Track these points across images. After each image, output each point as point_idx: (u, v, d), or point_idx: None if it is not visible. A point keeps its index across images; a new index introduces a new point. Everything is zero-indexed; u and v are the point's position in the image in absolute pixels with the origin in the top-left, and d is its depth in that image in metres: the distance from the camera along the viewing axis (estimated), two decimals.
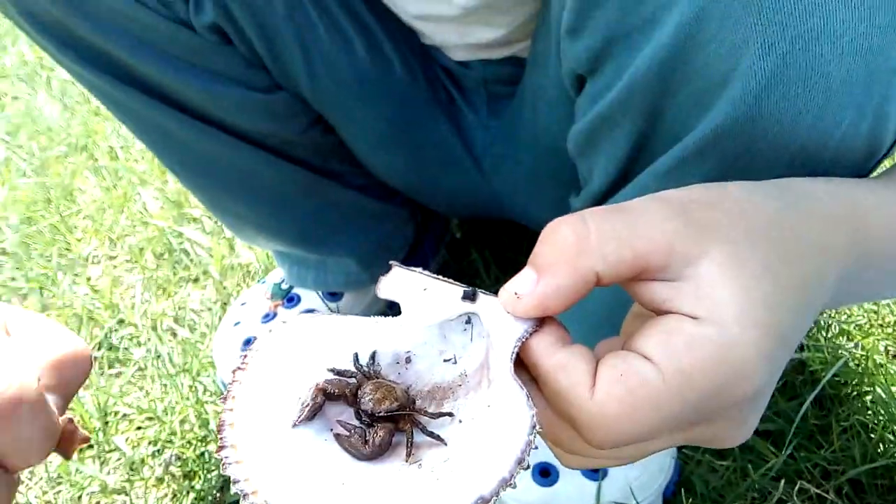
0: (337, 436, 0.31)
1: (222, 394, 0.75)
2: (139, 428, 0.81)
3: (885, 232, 0.37)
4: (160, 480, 0.76)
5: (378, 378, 0.33)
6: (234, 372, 0.32)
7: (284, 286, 0.84)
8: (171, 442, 0.78)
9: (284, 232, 0.73)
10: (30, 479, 0.77)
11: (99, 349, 0.91)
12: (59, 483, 0.76)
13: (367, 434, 0.31)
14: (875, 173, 0.42)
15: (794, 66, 0.35)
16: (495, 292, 0.33)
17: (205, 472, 0.75)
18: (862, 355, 0.74)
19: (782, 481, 0.64)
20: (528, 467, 0.28)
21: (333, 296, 0.81)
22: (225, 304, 0.94)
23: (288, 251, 0.80)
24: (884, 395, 0.69)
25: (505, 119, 0.68)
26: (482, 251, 0.94)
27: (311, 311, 0.80)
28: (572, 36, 0.45)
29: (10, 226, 1.15)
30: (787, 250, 0.32)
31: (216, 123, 0.62)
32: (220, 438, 0.29)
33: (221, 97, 0.60)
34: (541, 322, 0.32)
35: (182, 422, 0.79)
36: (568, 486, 0.61)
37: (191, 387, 0.82)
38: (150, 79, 0.58)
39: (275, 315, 0.81)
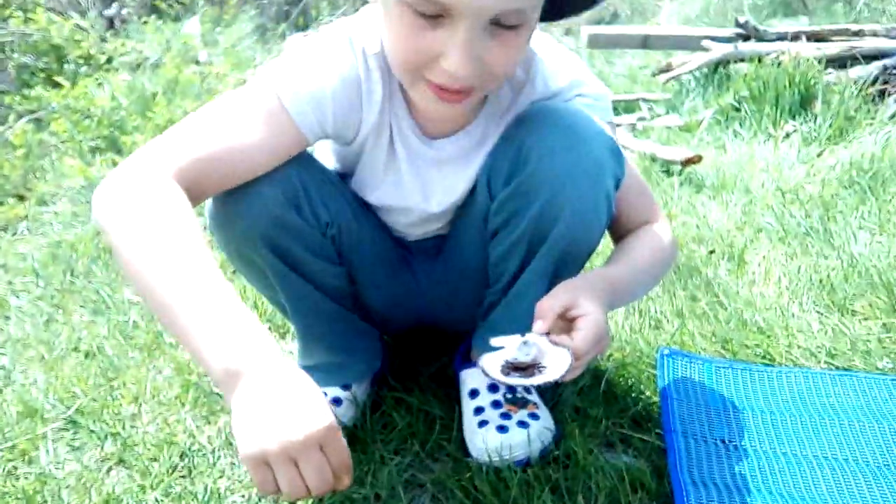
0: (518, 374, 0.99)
1: None
2: None
3: (621, 286, 1.14)
4: None
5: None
6: (482, 368, 1.01)
7: None
8: None
9: (336, 342, 1.33)
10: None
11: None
12: None
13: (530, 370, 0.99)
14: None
15: (580, 213, 1.09)
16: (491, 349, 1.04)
17: None
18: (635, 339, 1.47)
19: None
20: (560, 381, 0.97)
21: (346, 387, 1.37)
22: None
23: (315, 364, 1.36)
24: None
25: (436, 262, 1.36)
26: (410, 349, 1.56)
27: (336, 399, 1.35)
28: (494, 215, 1.16)
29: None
30: (602, 289, 1.07)
31: (314, 282, 1.24)
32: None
33: (322, 269, 1.23)
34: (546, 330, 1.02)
35: None
36: (519, 430, 1.22)
37: None
38: (294, 258, 1.19)
39: None
